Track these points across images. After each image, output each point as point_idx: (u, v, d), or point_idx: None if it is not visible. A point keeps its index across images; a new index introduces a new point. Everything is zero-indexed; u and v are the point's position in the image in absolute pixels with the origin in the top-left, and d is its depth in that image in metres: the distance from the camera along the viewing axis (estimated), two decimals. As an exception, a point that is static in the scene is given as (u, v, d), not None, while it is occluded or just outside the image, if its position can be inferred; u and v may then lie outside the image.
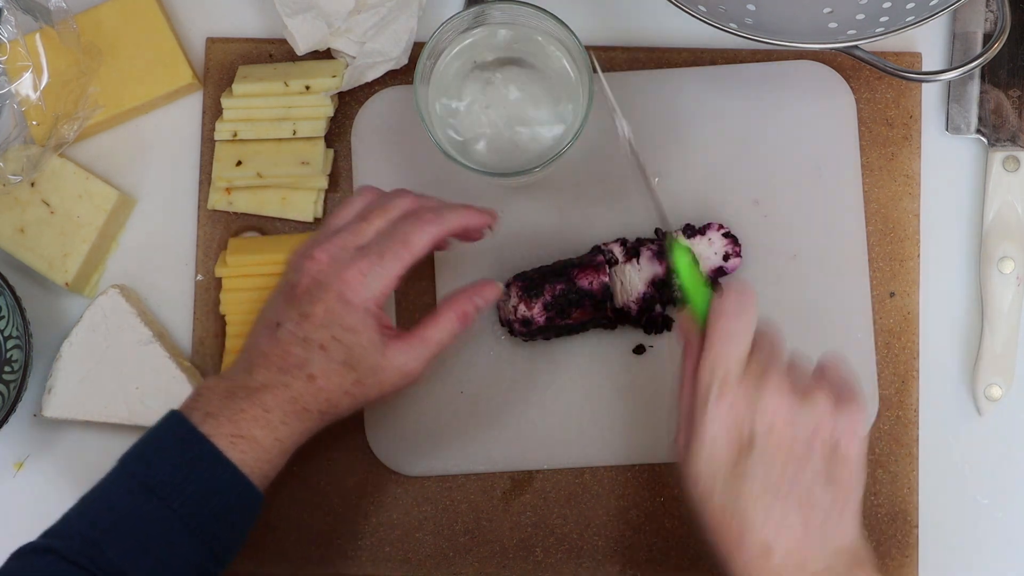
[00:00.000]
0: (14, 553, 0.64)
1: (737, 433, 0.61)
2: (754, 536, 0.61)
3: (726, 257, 0.77)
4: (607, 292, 0.75)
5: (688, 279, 0.65)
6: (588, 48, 0.72)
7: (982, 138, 0.81)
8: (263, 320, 0.69)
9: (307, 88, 0.79)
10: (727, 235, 0.77)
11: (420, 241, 0.68)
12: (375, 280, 0.67)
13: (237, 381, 0.67)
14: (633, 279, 0.76)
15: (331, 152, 0.81)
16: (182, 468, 0.64)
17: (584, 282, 0.75)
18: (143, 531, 0.63)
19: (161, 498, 0.63)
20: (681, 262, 0.65)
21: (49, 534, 0.65)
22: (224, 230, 0.81)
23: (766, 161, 0.80)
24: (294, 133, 0.79)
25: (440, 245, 0.72)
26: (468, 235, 0.72)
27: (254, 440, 0.66)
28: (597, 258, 0.76)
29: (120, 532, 0.63)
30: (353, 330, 0.67)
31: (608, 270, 0.75)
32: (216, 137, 0.80)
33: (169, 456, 0.65)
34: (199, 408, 0.67)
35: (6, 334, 0.78)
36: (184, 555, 0.64)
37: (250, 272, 0.78)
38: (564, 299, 0.75)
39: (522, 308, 0.75)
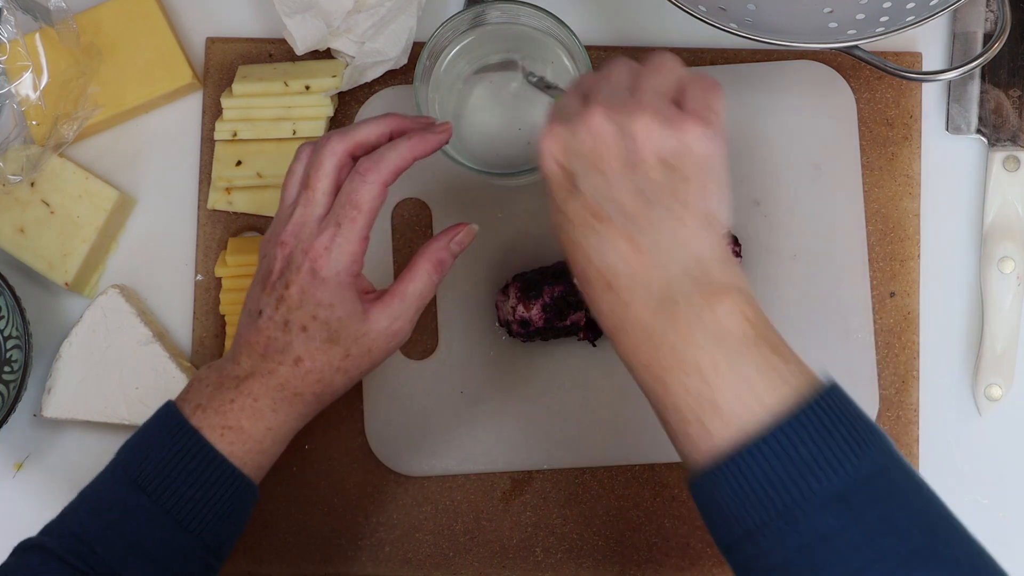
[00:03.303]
0: (15, 548, 0.64)
1: (565, 159, 0.59)
2: (593, 269, 0.58)
3: (726, 257, 0.77)
4: None
5: None
6: (588, 48, 0.72)
7: (982, 138, 0.81)
8: (245, 310, 0.68)
9: (307, 88, 0.79)
10: (727, 235, 0.77)
11: (368, 197, 0.65)
12: (339, 251, 0.65)
13: (226, 371, 0.67)
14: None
15: (331, 152, 0.81)
16: (171, 462, 0.64)
17: None
18: (132, 528, 0.63)
19: (149, 494, 0.63)
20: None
21: (45, 530, 0.64)
22: (224, 230, 0.81)
23: (766, 161, 0.80)
24: (294, 133, 0.79)
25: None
26: (425, 156, 0.67)
27: (242, 431, 0.65)
28: None
29: (110, 529, 0.63)
30: (329, 305, 0.65)
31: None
32: (216, 137, 0.80)
33: (159, 450, 0.64)
34: (191, 400, 0.66)
35: (6, 334, 0.78)
36: (176, 550, 0.63)
37: (250, 272, 0.78)
38: (563, 302, 0.75)
39: (520, 310, 0.75)
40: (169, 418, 0.65)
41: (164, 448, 0.64)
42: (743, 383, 0.54)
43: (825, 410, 0.54)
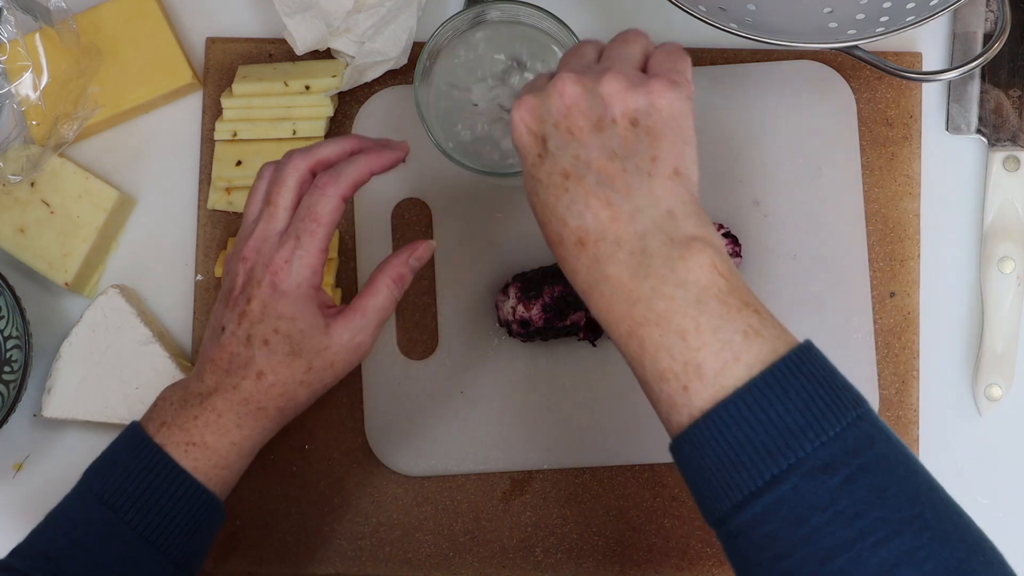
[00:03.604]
0: None
1: (537, 126, 0.60)
2: (567, 230, 0.58)
3: (726, 257, 0.77)
4: None
5: None
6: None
7: (982, 138, 0.81)
8: (209, 327, 0.69)
9: (307, 88, 0.79)
10: (727, 235, 0.77)
11: (327, 210, 0.65)
12: (299, 263, 0.65)
13: (190, 389, 0.67)
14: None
15: (331, 152, 0.81)
16: (135, 480, 0.64)
17: None
18: (98, 545, 0.63)
19: (115, 511, 0.63)
20: None
21: (14, 552, 0.64)
22: (224, 230, 0.81)
23: (766, 161, 0.80)
24: (294, 133, 0.79)
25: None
26: (382, 171, 0.69)
27: (206, 447, 0.65)
28: None
29: (78, 549, 0.63)
30: (291, 318, 0.65)
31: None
32: (216, 137, 0.80)
33: (124, 468, 0.64)
34: (156, 418, 0.66)
35: (6, 334, 0.78)
36: (144, 567, 0.63)
37: (250, 272, 0.78)
38: (563, 301, 0.75)
39: (520, 310, 0.75)
40: (133, 436, 0.66)
41: (129, 466, 0.64)
42: (718, 338, 0.54)
43: (802, 366, 0.53)
